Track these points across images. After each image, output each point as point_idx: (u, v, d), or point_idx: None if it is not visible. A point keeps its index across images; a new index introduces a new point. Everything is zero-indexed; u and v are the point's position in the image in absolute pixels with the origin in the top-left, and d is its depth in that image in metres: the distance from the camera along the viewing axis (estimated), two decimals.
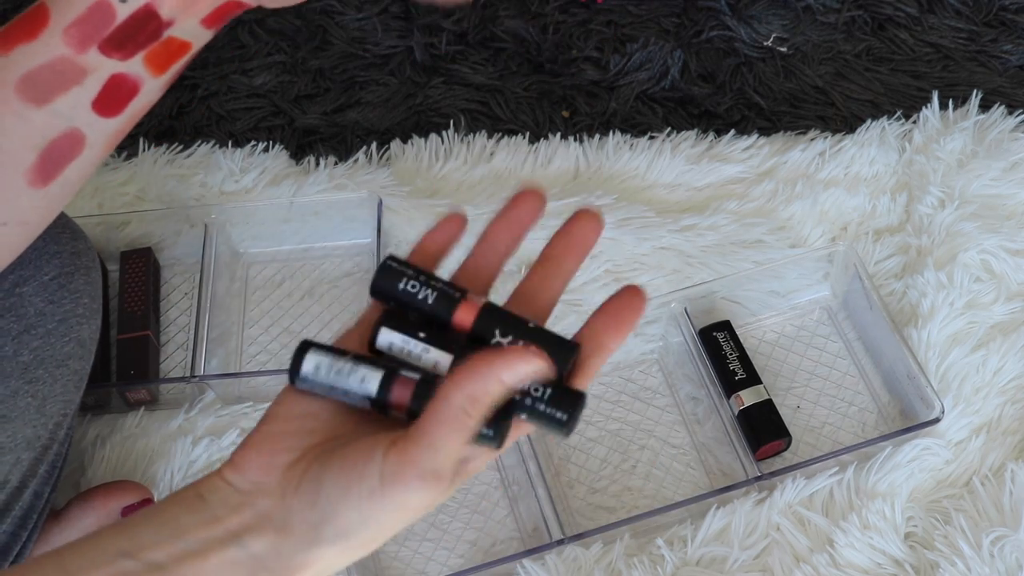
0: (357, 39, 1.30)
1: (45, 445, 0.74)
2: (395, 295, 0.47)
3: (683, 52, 1.27)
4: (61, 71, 0.56)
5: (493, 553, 0.92)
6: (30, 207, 0.60)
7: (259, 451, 0.43)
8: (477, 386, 0.40)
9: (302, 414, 0.44)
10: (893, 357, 0.97)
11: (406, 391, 0.44)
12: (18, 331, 0.72)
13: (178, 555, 0.40)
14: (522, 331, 0.46)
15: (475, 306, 0.47)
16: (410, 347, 0.46)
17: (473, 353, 0.41)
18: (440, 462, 0.40)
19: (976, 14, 1.31)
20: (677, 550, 0.90)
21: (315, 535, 0.41)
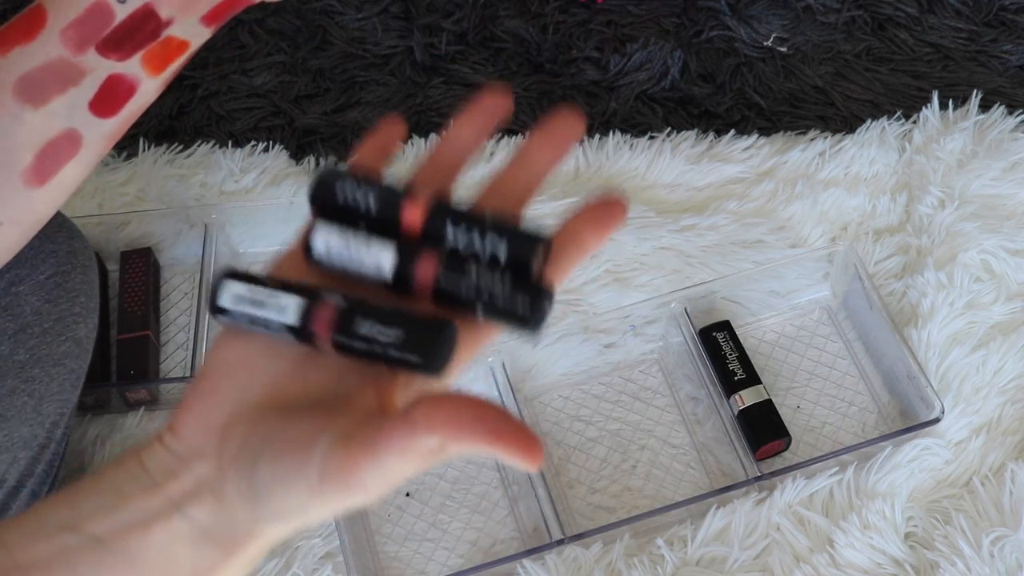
0: (357, 39, 1.30)
1: (42, 444, 0.74)
2: (334, 201, 0.42)
3: (683, 52, 1.27)
4: (58, 72, 0.56)
5: (493, 553, 0.92)
6: (26, 207, 0.60)
7: (194, 412, 0.40)
8: (454, 441, 0.35)
9: (235, 364, 0.41)
10: (893, 357, 0.97)
11: (326, 315, 0.39)
12: (14, 330, 0.72)
13: (120, 527, 0.38)
14: (479, 223, 0.40)
15: (422, 201, 0.41)
16: (349, 244, 0.41)
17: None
18: (384, 482, 0.36)
19: (976, 14, 1.31)
20: (677, 550, 0.90)
21: (252, 511, 0.38)
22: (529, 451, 0.36)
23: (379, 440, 0.36)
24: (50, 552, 0.37)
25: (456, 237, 0.41)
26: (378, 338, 0.38)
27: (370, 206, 0.41)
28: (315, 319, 0.39)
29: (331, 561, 0.90)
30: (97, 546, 0.38)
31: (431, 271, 0.40)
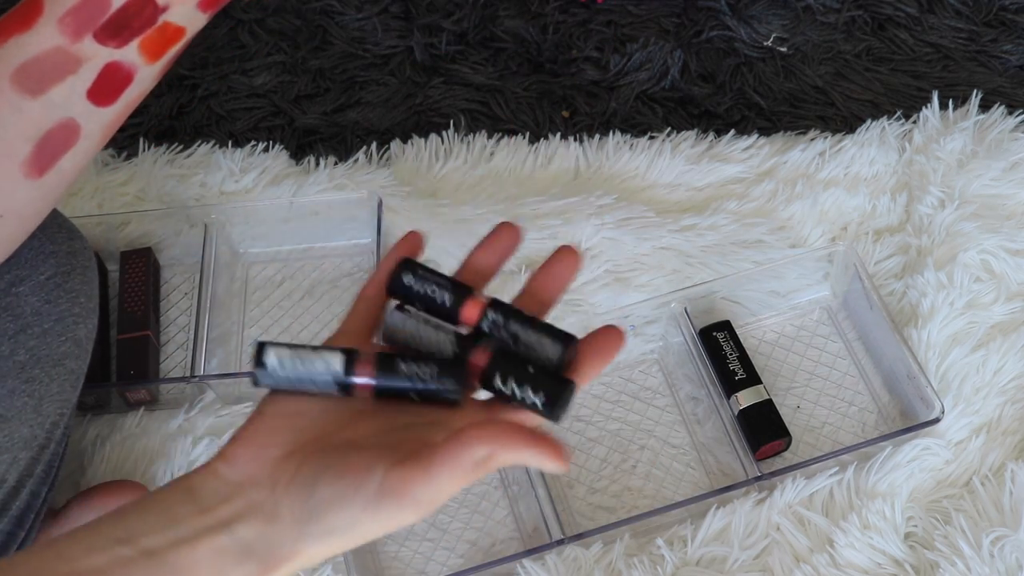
0: (357, 39, 1.30)
1: (42, 444, 0.74)
2: (405, 290, 0.51)
3: (683, 52, 1.27)
4: (56, 61, 0.56)
5: (493, 553, 0.92)
6: (26, 198, 0.60)
7: (249, 445, 0.45)
8: (500, 452, 0.42)
9: (292, 412, 0.46)
10: (893, 357, 0.97)
11: (367, 367, 0.47)
12: (14, 331, 0.72)
13: (170, 542, 0.42)
14: (526, 321, 0.49)
15: (480, 303, 0.50)
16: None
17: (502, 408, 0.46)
18: (436, 497, 0.42)
19: (976, 14, 1.31)
20: (677, 550, 0.90)
21: (302, 530, 0.43)
22: (560, 455, 0.43)
23: (432, 458, 0.42)
24: (106, 562, 0.42)
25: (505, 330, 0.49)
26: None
27: (440, 297, 0.51)
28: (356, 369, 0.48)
29: (331, 561, 0.89)
30: (150, 558, 0.42)
31: (484, 358, 0.48)
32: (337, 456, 0.44)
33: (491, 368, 0.47)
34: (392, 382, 0.47)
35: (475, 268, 0.53)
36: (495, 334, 0.49)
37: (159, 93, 1.24)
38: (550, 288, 0.53)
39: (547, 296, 0.53)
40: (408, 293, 0.51)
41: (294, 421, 0.46)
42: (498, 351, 0.48)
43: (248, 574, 0.43)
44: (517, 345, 0.49)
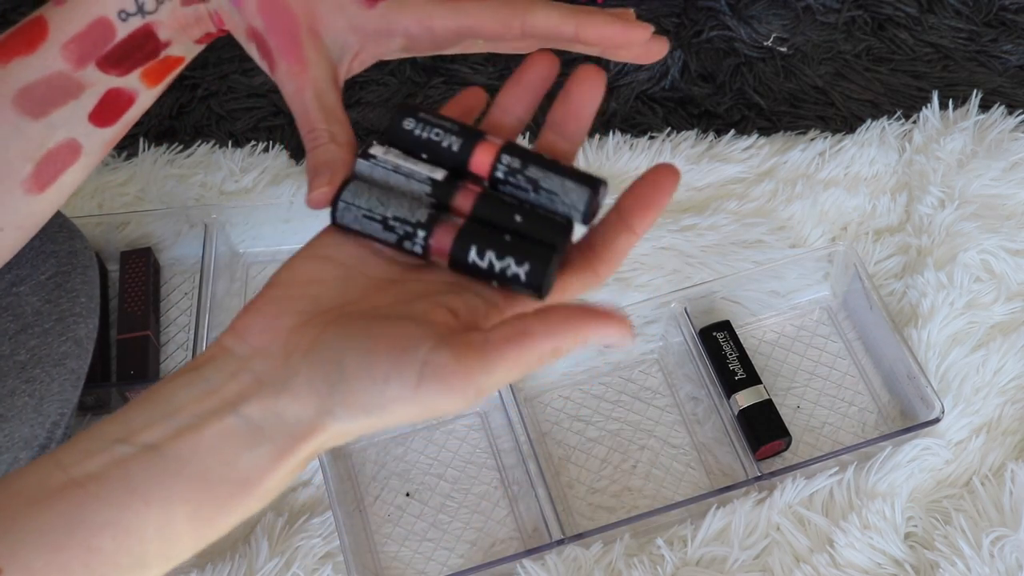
0: None
1: (43, 444, 0.74)
2: (406, 136, 0.46)
3: (683, 52, 1.27)
4: (58, 86, 0.56)
5: (493, 553, 0.92)
6: (26, 213, 0.60)
7: (261, 314, 0.41)
8: (568, 342, 0.39)
9: (308, 280, 0.43)
10: (893, 357, 0.97)
11: (469, 196, 0.44)
12: (15, 330, 0.72)
13: (172, 433, 0.38)
14: (547, 165, 0.45)
15: (494, 146, 0.45)
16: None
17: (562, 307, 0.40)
18: (491, 385, 0.38)
19: (976, 14, 1.31)
20: (677, 550, 0.90)
21: (322, 404, 0.38)
22: (626, 326, 0.39)
23: (491, 346, 0.38)
24: (104, 464, 0.38)
25: (523, 175, 0.44)
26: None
27: (451, 131, 0.45)
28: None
29: (331, 561, 0.90)
30: (151, 452, 0.38)
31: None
32: (364, 327, 0.39)
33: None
34: (474, 245, 0.42)
35: (503, 110, 0.48)
36: (511, 183, 0.44)
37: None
38: (576, 117, 0.47)
39: (573, 129, 0.47)
40: (409, 139, 0.46)
41: (309, 289, 0.42)
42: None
43: (262, 458, 0.38)
44: (539, 194, 0.44)
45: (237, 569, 0.88)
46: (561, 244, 0.44)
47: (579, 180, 0.45)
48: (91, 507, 0.38)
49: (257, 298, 0.42)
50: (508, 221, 0.44)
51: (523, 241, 0.42)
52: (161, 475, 0.38)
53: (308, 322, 0.40)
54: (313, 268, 0.43)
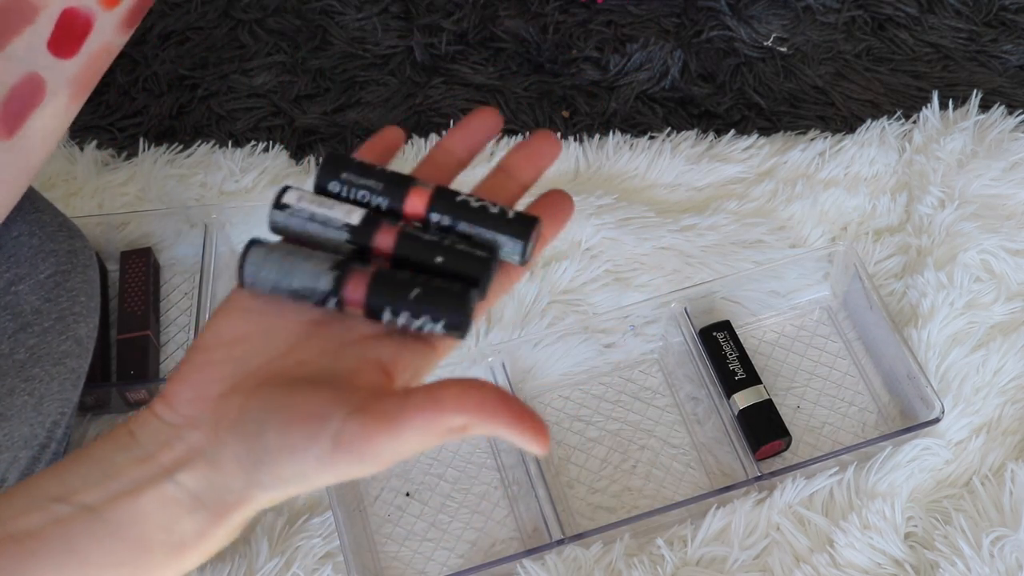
0: (357, 39, 1.30)
1: (43, 444, 0.74)
2: (338, 180, 0.45)
3: (683, 52, 1.27)
4: (12, 11, 0.55)
5: (493, 553, 0.92)
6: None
7: (188, 383, 0.41)
8: (478, 424, 0.39)
9: (231, 339, 0.42)
10: (893, 357, 0.97)
11: (389, 237, 0.43)
12: (14, 329, 0.72)
13: (111, 496, 0.39)
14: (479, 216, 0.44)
15: (426, 192, 0.44)
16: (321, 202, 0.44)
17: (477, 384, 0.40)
18: (397, 456, 0.38)
19: (976, 14, 1.31)
20: (677, 550, 0.90)
21: (249, 477, 0.39)
22: (541, 435, 0.39)
23: (402, 415, 0.38)
24: (43, 522, 0.38)
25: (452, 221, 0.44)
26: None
27: (376, 189, 0.44)
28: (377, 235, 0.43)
29: (331, 561, 0.89)
30: (89, 514, 0.38)
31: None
32: (284, 396, 0.40)
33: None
34: (385, 308, 0.42)
35: (444, 153, 0.48)
36: (441, 231, 0.44)
37: (159, 93, 1.24)
38: (527, 166, 0.48)
39: (524, 175, 0.47)
40: (338, 197, 0.45)
41: (233, 350, 0.42)
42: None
43: (198, 523, 0.39)
44: (471, 244, 0.43)
45: (237, 569, 0.88)
46: (484, 281, 0.43)
47: (512, 232, 0.44)
48: (28, 563, 0.38)
49: (183, 364, 0.42)
50: (429, 261, 0.43)
51: (436, 291, 0.41)
52: (100, 537, 0.38)
53: (234, 388, 0.41)
54: (235, 325, 0.43)
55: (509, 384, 0.95)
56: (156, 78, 1.26)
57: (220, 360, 0.42)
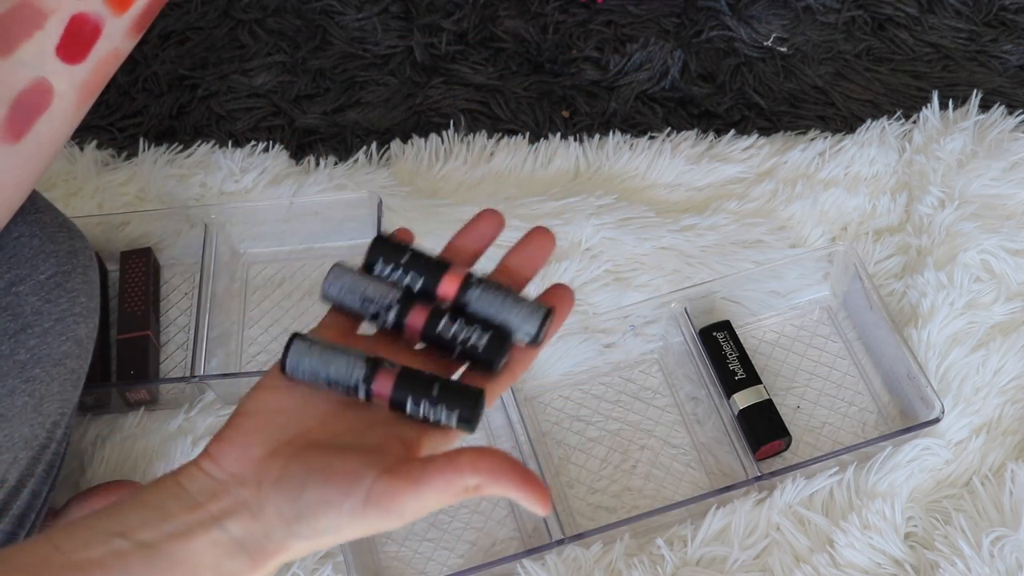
0: (357, 39, 1.30)
1: (43, 444, 0.74)
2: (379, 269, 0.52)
3: (683, 52, 1.27)
4: (22, 16, 0.55)
5: (493, 553, 0.92)
6: (5, 166, 0.59)
7: (233, 444, 0.46)
8: (490, 484, 0.44)
9: (273, 409, 0.48)
10: (893, 357, 0.97)
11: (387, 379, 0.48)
12: (15, 330, 0.71)
13: (166, 535, 0.43)
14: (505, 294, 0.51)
15: (458, 277, 0.51)
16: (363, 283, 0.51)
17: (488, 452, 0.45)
18: (420, 511, 0.44)
19: (976, 14, 1.31)
20: (677, 550, 0.90)
21: (289, 529, 0.44)
22: (544, 500, 0.46)
23: (424, 476, 0.44)
24: (104, 553, 0.43)
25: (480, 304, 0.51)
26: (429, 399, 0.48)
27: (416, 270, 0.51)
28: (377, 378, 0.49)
29: (331, 561, 0.90)
30: (146, 550, 0.43)
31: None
32: (322, 459, 0.45)
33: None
34: (408, 401, 0.48)
35: (456, 251, 0.54)
36: (471, 307, 0.50)
37: (159, 93, 1.24)
38: (525, 266, 0.54)
39: (521, 274, 0.54)
40: (381, 275, 0.52)
41: (275, 419, 0.47)
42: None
43: (240, 566, 0.44)
44: (494, 320, 0.50)
45: None
46: (497, 362, 0.50)
47: (528, 316, 0.50)
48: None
49: (229, 426, 0.47)
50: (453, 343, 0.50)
51: (452, 390, 0.48)
52: (155, 571, 0.43)
53: (275, 452, 0.46)
54: (276, 398, 0.48)
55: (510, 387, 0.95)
56: (156, 78, 1.26)
57: (263, 426, 0.47)
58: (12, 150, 0.59)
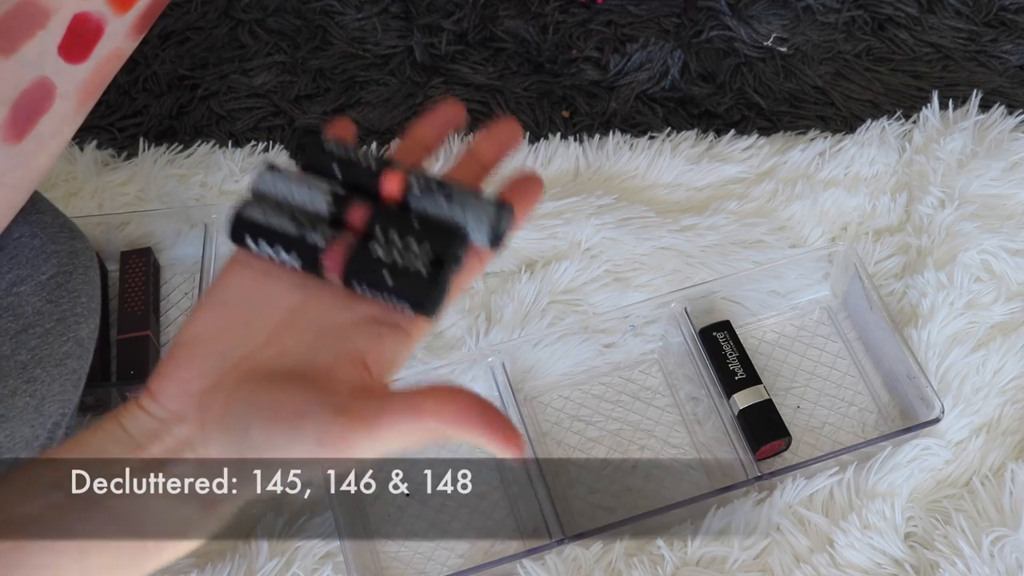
0: (357, 39, 1.30)
1: (43, 445, 0.74)
2: (318, 160, 0.47)
3: (683, 52, 1.27)
4: (25, 15, 0.55)
5: (493, 553, 0.92)
6: (6, 166, 0.59)
7: (171, 378, 0.43)
8: (453, 429, 0.41)
9: (212, 334, 0.44)
10: (893, 357, 0.97)
11: (363, 211, 0.44)
12: (16, 330, 0.71)
13: (107, 485, 0.40)
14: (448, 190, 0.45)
15: (399, 174, 0.46)
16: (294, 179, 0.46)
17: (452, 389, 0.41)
18: (377, 453, 0.40)
19: (976, 14, 1.31)
20: (677, 550, 0.90)
21: (235, 473, 0.41)
22: (514, 442, 0.41)
23: (381, 419, 0.40)
24: (41, 508, 0.40)
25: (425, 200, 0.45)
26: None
27: (354, 169, 0.46)
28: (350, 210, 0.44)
29: (331, 561, 0.90)
30: (86, 501, 0.40)
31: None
32: (267, 392, 0.41)
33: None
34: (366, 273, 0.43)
35: (414, 139, 0.50)
36: (415, 205, 0.45)
37: (159, 93, 1.24)
38: (491, 150, 0.50)
39: (488, 158, 0.50)
40: (319, 169, 0.47)
41: (215, 344, 0.43)
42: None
43: (189, 513, 0.41)
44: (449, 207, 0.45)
45: (237, 569, 0.88)
46: (452, 261, 0.44)
47: (482, 214, 0.45)
48: (28, 548, 0.39)
49: (167, 360, 0.43)
50: (406, 227, 0.44)
51: (409, 270, 0.43)
52: (97, 523, 0.40)
53: (217, 383, 0.42)
54: (215, 318, 0.44)
55: (509, 384, 0.95)
56: (156, 78, 1.26)
57: (202, 355, 0.43)
58: (14, 150, 0.59)
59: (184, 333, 0.44)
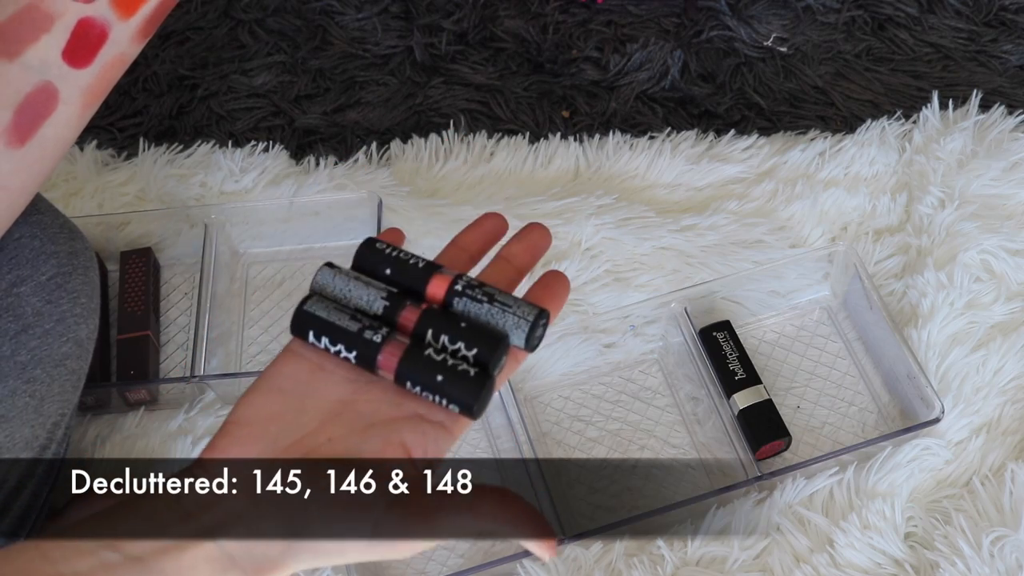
0: (357, 39, 1.30)
1: (43, 445, 0.74)
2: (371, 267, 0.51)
3: (683, 52, 1.27)
4: (29, 20, 0.56)
5: (493, 553, 0.92)
6: (9, 170, 0.59)
7: (226, 454, 0.45)
8: (505, 531, 0.43)
9: (266, 416, 0.46)
10: (893, 357, 0.97)
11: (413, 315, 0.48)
12: (15, 331, 0.72)
13: (157, 549, 0.42)
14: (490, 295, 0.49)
15: (447, 278, 0.50)
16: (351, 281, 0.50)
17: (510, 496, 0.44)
18: (431, 544, 0.43)
19: (976, 14, 1.31)
20: (677, 550, 0.90)
21: (285, 548, 0.43)
22: (552, 548, 0.44)
23: (438, 516, 0.43)
24: (92, 565, 0.41)
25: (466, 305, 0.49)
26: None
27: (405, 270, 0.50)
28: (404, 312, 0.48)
29: None
30: (136, 563, 0.42)
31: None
32: (325, 477, 0.43)
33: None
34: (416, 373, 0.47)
35: (460, 248, 0.53)
36: (460, 308, 0.49)
37: (159, 93, 1.24)
38: (524, 254, 0.53)
39: (521, 262, 0.53)
40: (372, 270, 0.51)
41: (268, 427, 0.46)
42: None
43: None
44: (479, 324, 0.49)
45: None
46: (496, 366, 0.48)
47: (521, 321, 0.49)
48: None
49: (221, 435, 0.46)
50: (455, 331, 0.48)
51: (458, 371, 0.47)
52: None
53: (271, 463, 0.44)
54: (269, 403, 0.47)
55: (509, 384, 0.95)
56: (156, 78, 1.26)
57: (256, 435, 0.45)
58: (17, 154, 0.59)
59: (238, 413, 0.46)
